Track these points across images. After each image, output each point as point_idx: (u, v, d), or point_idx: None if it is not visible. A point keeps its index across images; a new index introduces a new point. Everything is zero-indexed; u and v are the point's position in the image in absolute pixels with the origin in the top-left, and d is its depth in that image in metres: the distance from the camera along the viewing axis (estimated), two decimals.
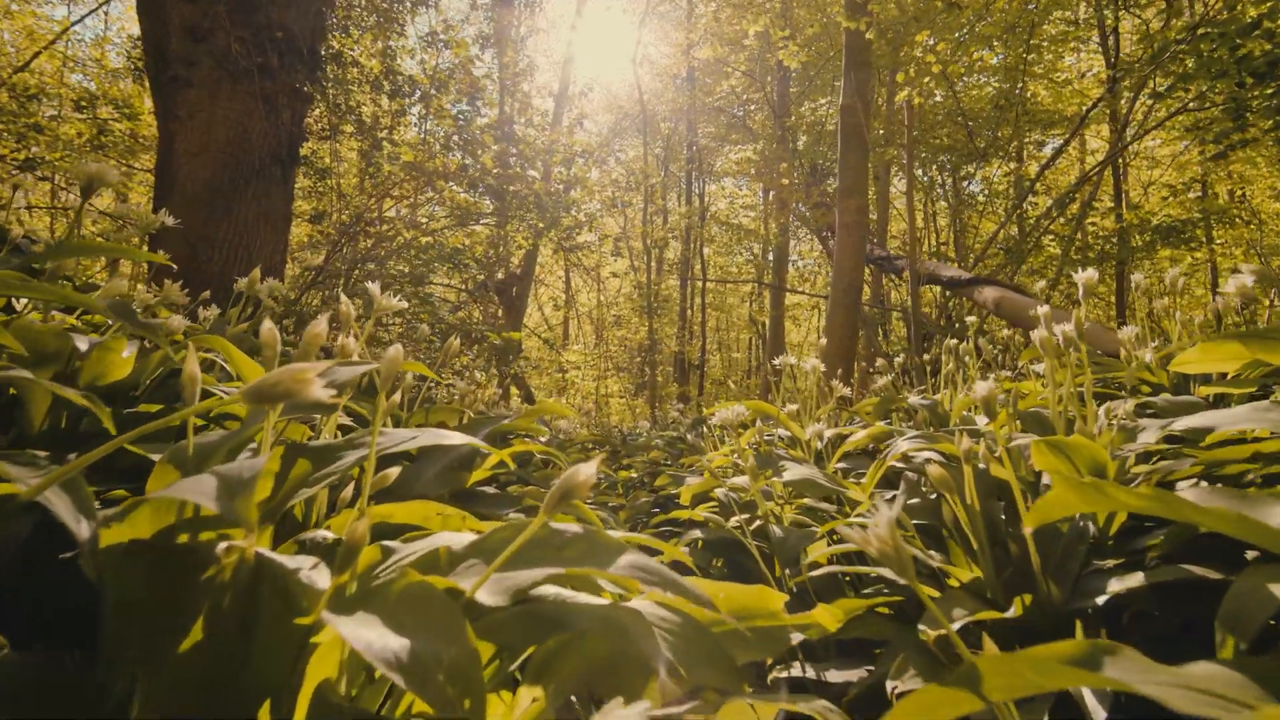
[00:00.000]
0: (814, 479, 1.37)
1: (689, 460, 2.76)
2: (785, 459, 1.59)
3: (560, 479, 0.53)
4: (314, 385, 0.41)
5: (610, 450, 4.03)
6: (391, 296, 1.04)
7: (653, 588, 0.47)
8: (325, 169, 9.79)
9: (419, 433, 0.76)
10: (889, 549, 0.45)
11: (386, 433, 0.76)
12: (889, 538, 0.45)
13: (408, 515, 0.85)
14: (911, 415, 1.92)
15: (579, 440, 2.85)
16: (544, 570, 0.50)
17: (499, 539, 0.58)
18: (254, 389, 0.42)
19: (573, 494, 0.51)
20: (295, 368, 0.41)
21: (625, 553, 0.52)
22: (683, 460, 2.81)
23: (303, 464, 0.70)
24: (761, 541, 1.52)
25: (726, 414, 1.35)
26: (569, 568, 0.50)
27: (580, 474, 0.51)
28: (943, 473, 0.94)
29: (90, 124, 9.31)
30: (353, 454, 0.71)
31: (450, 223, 7.92)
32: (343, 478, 0.93)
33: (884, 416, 2.11)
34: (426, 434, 0.76)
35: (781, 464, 1.45)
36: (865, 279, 7.61)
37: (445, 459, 1.16)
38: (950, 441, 1.20)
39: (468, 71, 6.86)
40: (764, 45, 16.31)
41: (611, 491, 3.07)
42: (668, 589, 0.48)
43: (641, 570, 0.49)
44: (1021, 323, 4.44)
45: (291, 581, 0.50)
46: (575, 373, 18.66)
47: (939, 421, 1.84)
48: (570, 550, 0.53)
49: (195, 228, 7.62)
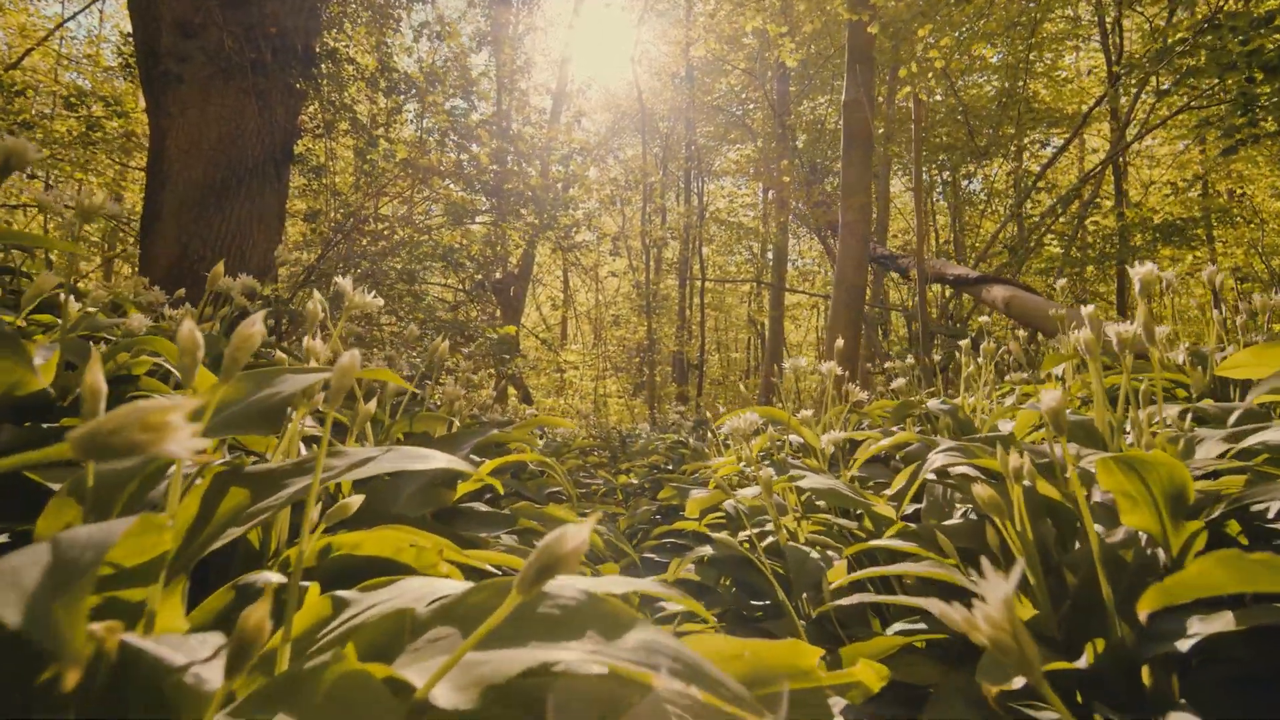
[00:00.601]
0: (836, 489, 1.25)
1: (692, 466, 2.63)
2: (800, 467, 1.46)
3: (542, 545, 0.40)
4: (174, 434, 0.28)
5: (609, 454, 3.90)
6: (377, 294, 0.93)
7: (672, 678, 0.35)
8: (320, 167, 9.66)
9: (383, 452, 0.64)
10: (1005, 637, 0.33)
11: (344, 453, 0.64)
12: (1006, 622, 0.33)
13: (377, 546, 0.73)
14: (932, 421, 1.80)
15: (576, 445, 2.71)
16: (527, 655, 0.37)
17: (476, 603, 0.46)
18: (84, 439, 0.29)
19: (556, 568, 0.39)
20: (148, 408, 0.29)
21: (635, 627, 0.40)
22: (685, 467, 2.68)
23: (237, 494, 0.57)
24: (775, 559, 1.40)
25: (738, 423, 1.22)
26: (562, 654, 0.37)
27: (567, 542, 0.39)
28: (993, 495, 0.82)
29: (80, 121, 9.17)
30: (300, 481, 0.59)
31: (446, 221, 7.79)
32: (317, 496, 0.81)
33: (900, 421, 1.99)
34: (392, 455, 0.63)
35: (797, 473, 1.33)
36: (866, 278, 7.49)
37: (428, 473, 1.04)
38: (990, 455, 1.08)
39: (462, 65, 6.74)
40: (763, 44, 16.20)
41: (611, 499, 2.94)
42: (691, 681, 0.36)
43: (657, 653, 0.37)
44: (1034, 323, 4.33)
45: (170, 683, 0.37)
46: (573, 373, 18.54)
47: (961, 428, 1.72)
48: (564, 628, 0.40)
49: (187, 226, 7.49)
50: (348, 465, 0.60)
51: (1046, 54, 13.19)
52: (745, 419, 1.21)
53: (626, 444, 5.73)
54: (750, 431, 1.21)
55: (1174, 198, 12.31)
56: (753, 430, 1.20)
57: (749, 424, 1.21)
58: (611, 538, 1.46)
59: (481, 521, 1.08)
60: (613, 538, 1.45)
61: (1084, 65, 16.63)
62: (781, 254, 15.82)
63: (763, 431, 2.46)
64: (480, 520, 1.09)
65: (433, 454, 0.67)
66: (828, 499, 1.29)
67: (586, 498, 2.66)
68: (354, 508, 0.64)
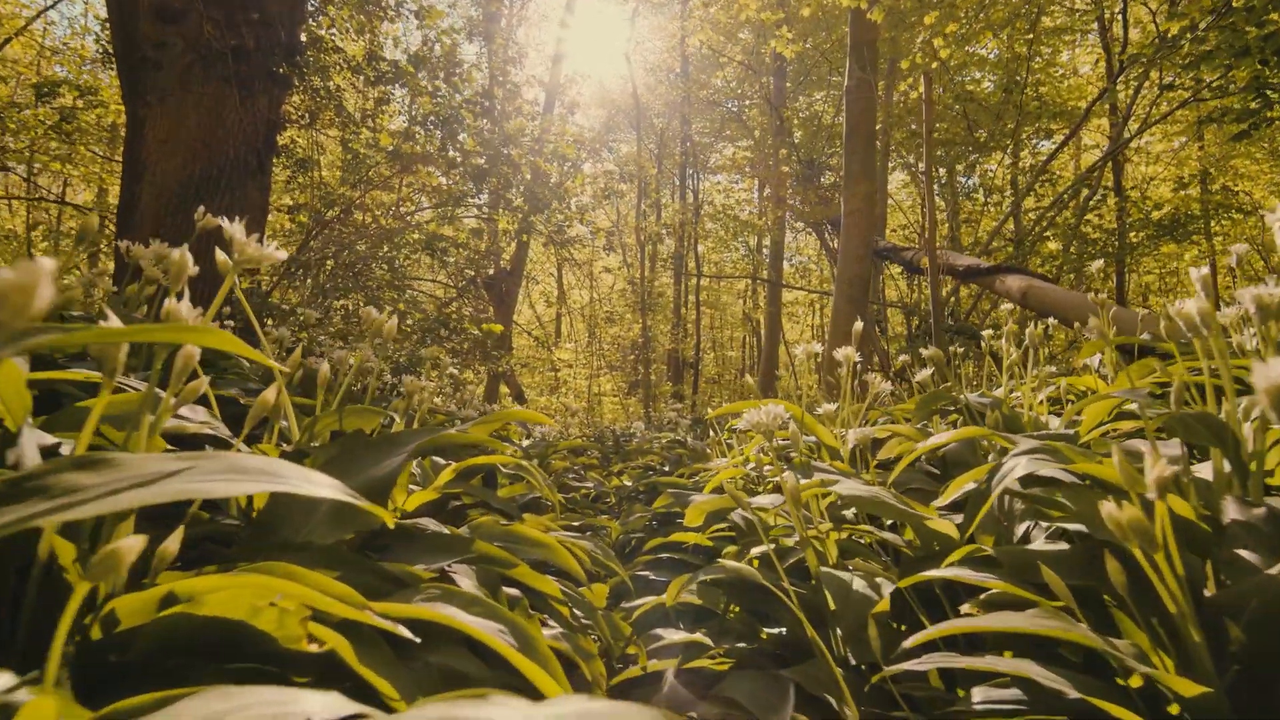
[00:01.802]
0: (879, 499, 0.99)
1: (691, 469, 2.38)
2: (828, 470, 1.21)
3: None
4: None
5: (600, 455, 3.63)
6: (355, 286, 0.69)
7: None
8: (305, 159, 9.35)
9: (185, 467, 0.39)
10: None
11: (113, 465, 0.39)
12: None
13: (226, 602, 0.48)
14: (971, 416, 1.56)
15: (563, 447, 2.44)
16: None
17: None
18: None
19: None
20: None
21: None
22: (683, 470, 2.42)
23: None
24: (799, 583, 1.15)
25: (758, 416, 0.96)
26: None
27: None
28: (1137, 518, 0.58)
29: (53, 111, 8.87)
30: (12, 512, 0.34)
31: (435, 216, 7.52)
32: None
33: (926, 417, 1.74)
34: (197, 472, 0.38)
35: (828, 477, 1.08)
36: None
37: (357, 480, 0.79)
38: (1093, 460, 0.83)
39: (446, 49, 6.46)
40: (759, 38, 15.97)
41: (602, 503, 2.69)
42: None
43: None
44: (1055, 313, 4.09)
45: None
46: (567, 371, 18.27)
47: (1008, 425, 1.47)
48: None
49: (165, 219, 7.21)
50: (104, 490, 0.35)
51: (1045, 49, 13.01)
52: (767, 411, 0.96)
53: (621, 443, 5.47)
54: (774, 426, 0.95)
55: (1179, 192, 12.14)
56: (777, 424, 0.95)
57: (772, 418, 0.95)
58: (598, 554, 1.21)
59: (426, 547, 0.83)
60: (599, 554, 1.20)
61: (1081, 62, 16.48)
62: (778, 248, 15.59)
63: (784, 427, 2.21)
64: (424, 545, 0.83)
65: (282, 471, 0.42)
66: (867, 509, 1.04)
67: (573, 505, 2.40)
68: (128, 558, 0.38)
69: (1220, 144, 16.71)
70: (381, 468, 0.79)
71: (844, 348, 1.55)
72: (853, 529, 1.07)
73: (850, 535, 1.09)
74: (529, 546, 0.91)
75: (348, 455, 0.83)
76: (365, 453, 0.82)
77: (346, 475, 0.78)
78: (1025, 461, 0.84)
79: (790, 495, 0.89)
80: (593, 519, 1.75)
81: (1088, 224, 10.69)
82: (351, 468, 0.80)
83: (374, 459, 0.81)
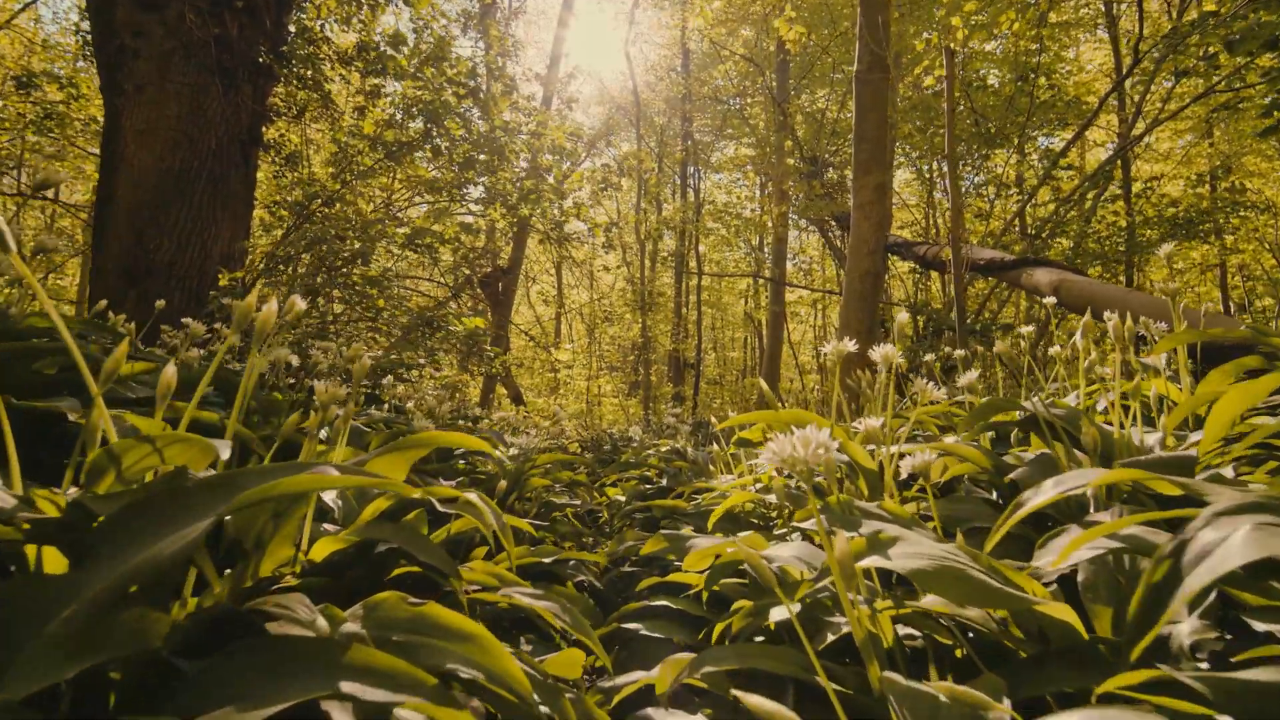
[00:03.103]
0: (956, 571, 0.67)
1: (692, 487, 2.04)
2: (875, 515, 0.89)
3: None
4: None
5: (588, 470, 3.27)
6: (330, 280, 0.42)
7: None
8: (294, 154, 9.03)
9: None
10: None
11: None
12: None
13: None
14: (1045, 430, 1.24)
15: (542, 461, 2.08)
16: None
17: None
18: None
19: None
20: None
21: None
22: (683, 488, 2.08)
23: None
24: (833, 664, 0.84)
25: (791, 446, 0.63)
26: None
27: None
28: None
29: (34, 107, 8.58)
30: None
31: (427, 210, 7.20)
32: None
33: (985, 429, 1.42)
34: None
35: (886, 532, 0.76)
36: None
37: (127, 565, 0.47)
38: None
39: (434, 33, 6.15)
40: (760, 32, 15.67)
41: (591, 528, 2.35)
42: None
43: None
44: (1092, 308, 3.76)
45: None
46: (566, 372, 17.94)
47: (1104, 452, 1.14)
48: None
49: (142, 212, 6.90)
50: None
51: (1052, 45, 12.74)
52: (804, 438, 0.62)
53: (618, 448, 5.13)
54: (815, 459, 0.62)
55: (1194, 190, 11.87)
56: (819, 457, 0.62)
57: (813, 448, 0.62)
58: (566, 621, 0.89)
59: (267, 667, 0.51)
60: (568, 622, 0.88)
61: (1088, 60, 16.22)
62: (781, 246, 15.26)
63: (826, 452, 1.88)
64: (265, 663, 0.51)
65: None
66: (941, 590, 0.69)
67: (556, 523, 2.08)
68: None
69: (1230, 141, 16.43)
70: (166, 543, 0.48)
71: (884, 346, 1.24)
72: (916, 604, 0.75)
73: (913, 610, 0.77)
74: (446, 641, 0.60)
75: (140, 515, 0.52)
76: (163, 513, 0.51)
77: (121, 553, 0.47)
78: (1250, 535, 0.51)
79: (841, 571, 0.57)
80: (573, 552, 1.43)
81: (1100, 220, 10.39)
82: (136, 539, 0.49)
83: (164, 526, 0.50)
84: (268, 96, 7.72)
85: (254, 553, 0.69)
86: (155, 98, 7.14)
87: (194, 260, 6.66)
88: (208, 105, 7.41)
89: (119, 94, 7.09)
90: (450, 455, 2.22)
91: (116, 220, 6.58)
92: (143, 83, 7.10)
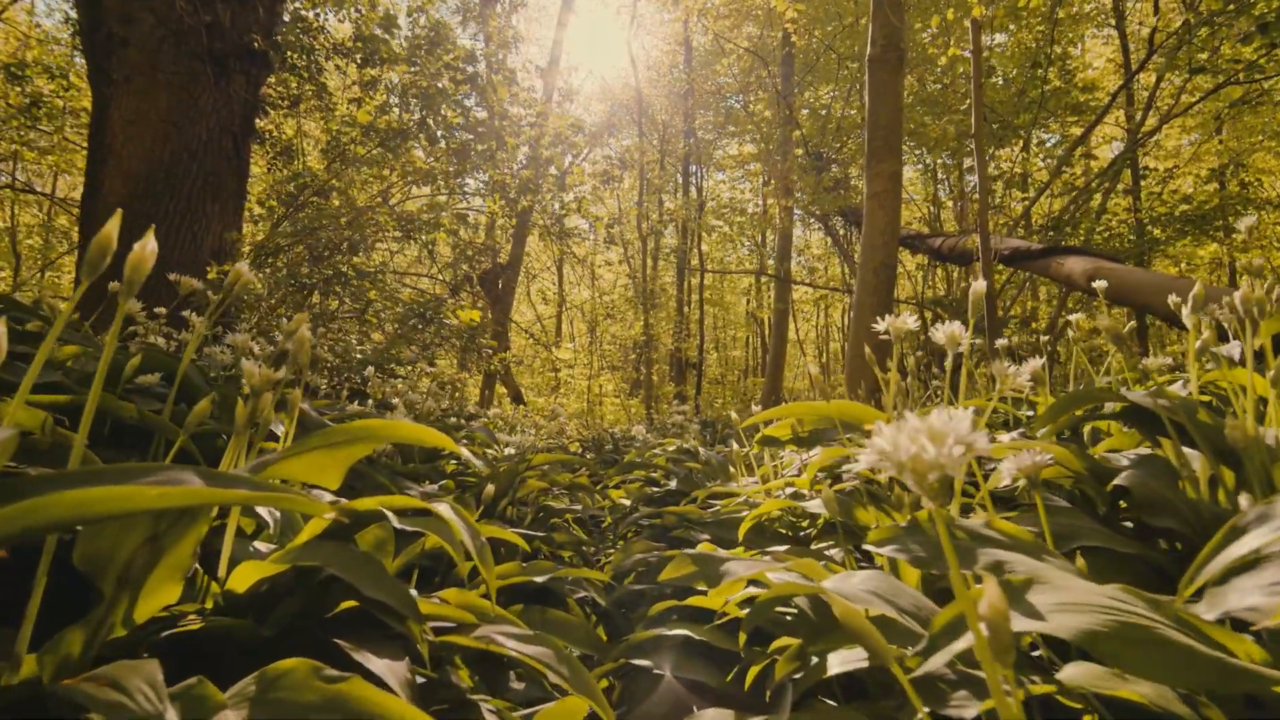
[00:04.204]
0: (1152, 630, 0.45)
1: (706, 491, 1.80)
2: (987, 537, 0.65)
3: None
4: None
5: (590, 472, 3.02)
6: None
7: None
8: (289, 146, 8.81)
9: None
10: None
11: None
12: None
13: None
14: (1156, 422, 1.02)
15: (538, 462, 1.85)
16: None
17: None
18: None
19: None
20: None
21: None
22: (698, 493, 1.84)
23: None
24: None
25: (911, 445, 0.42)
26: None
27: None
28: None
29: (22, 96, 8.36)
30: None
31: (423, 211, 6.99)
32: None
33: (1068, 424, 1.19)
34: None
35: (1007, 566, 0.53)
36: None
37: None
38: None
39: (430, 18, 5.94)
40: (765, 26, 15.45)
41: (594, 535, 2.12)
42: None
43: None
44: (1133, 299, 3.53)
45: None
46: (567, 371, 17.73)
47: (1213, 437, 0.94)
48: None
49: (131, 204, 6.67)
50: None
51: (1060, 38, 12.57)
52: (934, 431, 0.41)
53: (620, 448, 4.91)
54: (950, 456, 0.39)
55: (1205, 187, 11.68)
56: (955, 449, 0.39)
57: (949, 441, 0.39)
58: (563, 674, 0.67)
59: None
60: (565, 680, 0.66)
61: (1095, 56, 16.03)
62: (786, 242, 15.01)
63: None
64: None
65: None
66: (1126, 659, 0.45)
67: (553, 529, 1.85)
68: None
69: (1239, 138, 16.23)
70: None
71: (953, 323, 1.02)
72: (1078, 682, 0.52)
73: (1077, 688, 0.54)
74: None
75: None
76: None
77: None
78: None
79: (993, 641, 0.35)
80: (572, 569, 1.21)
81: (1112, 215, 10.19)
82: None
83: None
84: (261, 86, 7.51)
85: (119, 593, 0.48)
86: (145, 88, 6.96)
87: (185, 254, 6.47)
88: (199, 95, 7.23)
89: (107, 83, 6.92)
90: (438, 455, 2.01)
91: (105, 214, 6.38)
92: (132, 72, 6.91)
